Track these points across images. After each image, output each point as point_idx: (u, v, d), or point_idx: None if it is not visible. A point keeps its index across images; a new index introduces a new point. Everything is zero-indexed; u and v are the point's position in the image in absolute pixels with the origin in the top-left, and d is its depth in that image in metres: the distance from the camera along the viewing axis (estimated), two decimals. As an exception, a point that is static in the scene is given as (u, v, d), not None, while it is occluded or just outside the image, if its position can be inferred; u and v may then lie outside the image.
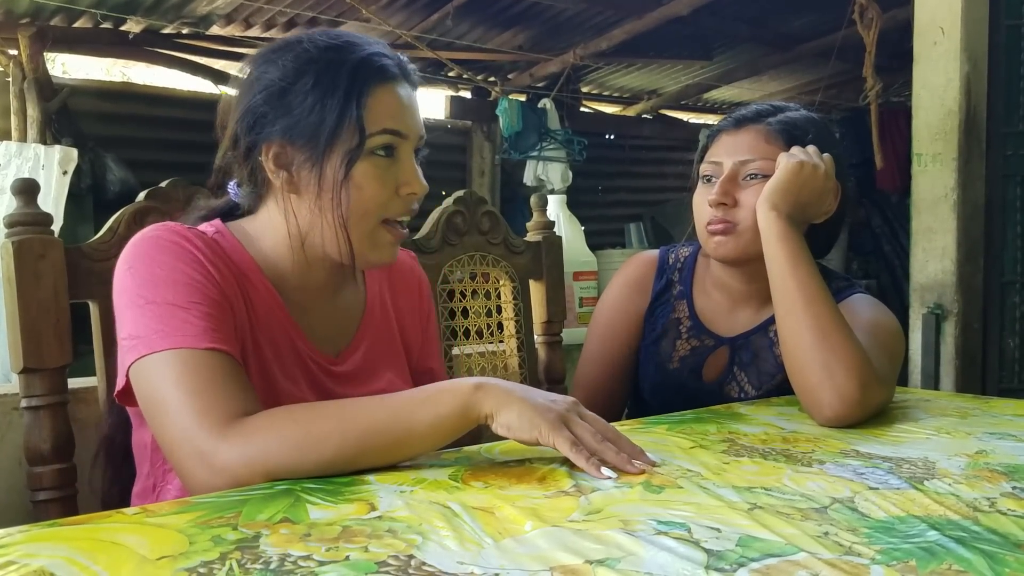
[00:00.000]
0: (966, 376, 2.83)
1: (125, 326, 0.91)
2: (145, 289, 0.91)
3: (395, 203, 1.00)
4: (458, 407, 0.85)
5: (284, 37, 1.04)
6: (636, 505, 0.74)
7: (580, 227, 2.16)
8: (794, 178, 1.21)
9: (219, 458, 0.82)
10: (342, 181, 0.96)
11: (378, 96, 0.97)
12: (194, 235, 0.97)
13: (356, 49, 0.98)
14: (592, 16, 4.29)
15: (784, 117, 1.30)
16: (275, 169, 0.99)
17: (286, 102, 0.97)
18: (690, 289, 1.43)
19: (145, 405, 0.89)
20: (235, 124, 0.99)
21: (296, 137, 0.97)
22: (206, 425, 0.84)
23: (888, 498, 0.76)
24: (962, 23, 2.75)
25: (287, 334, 1.02)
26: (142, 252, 0.94)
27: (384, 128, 0.97)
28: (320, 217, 0.98)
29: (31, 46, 3.52)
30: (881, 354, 1.16)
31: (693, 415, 1.14)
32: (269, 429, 0.83)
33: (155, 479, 1.01)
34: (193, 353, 0.88)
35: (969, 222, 2.80)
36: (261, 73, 0.99)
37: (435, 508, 0.73)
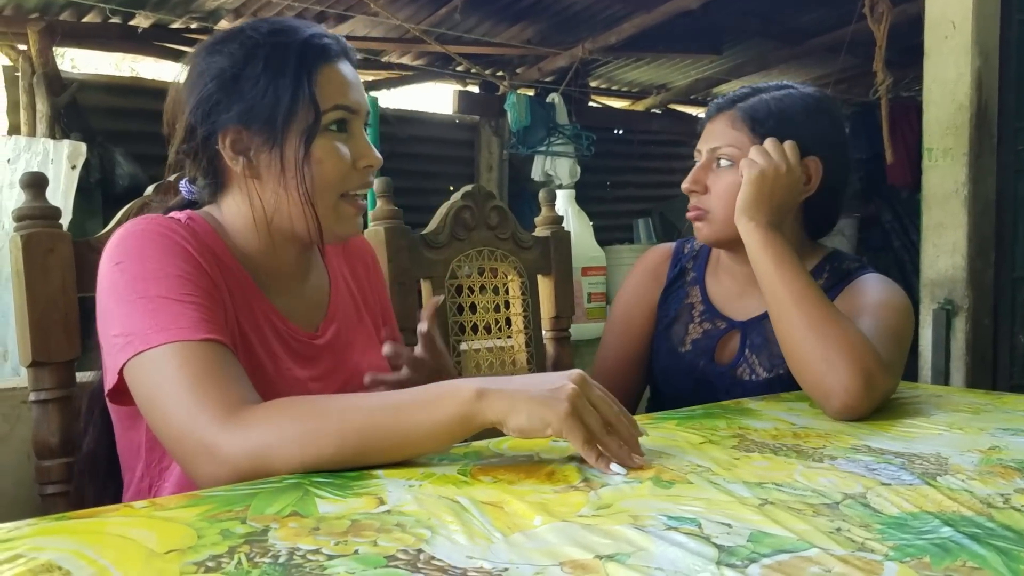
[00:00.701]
0: (976, 372, 2.82)
1: (116, 323, 0.91)
2: (137, 284, 0.91)
3: (353, 176, 1.02)
4: (458, 414, 0.83)
5: (223, 30, 1.06)
6: (646, 500, 0.73)
7: (589, 222, 2.15)
8: (759, 188, 1.23)
9: (222, 449, 0.82)
10: (303, 158, 0.98)
11: (325, 74, 1.00)
12: (180, 225, 0.98)
13: (298, 31, 1.01)
14: (601, 10, 4.27)
15: (753, 102, 1.31)
16: (233, 155, 1.00)
17: (238, 88, 0.98)
18: (703, 275, 1.45)
19: (143, 402, 0.89)
20: (189, 115, 1.00)
21: (252, 121, 0.98)
22: (206, 417, 0.83)
23: (901, 494, 0.76)
24: (973, 17, 2.73)
25: (266, 316, 1.04)
26: (130, 247, 0.94)
27: (336, 104, 1.00)
28: (285, 196, 1.00)
29: (40, 41, 3.53)
30: (887, 337, 1.16)
31: (703, 410, 1.14)
32: (269, 423, 0.83)
33: (151, 479, 1.01)
34: (189, 345, 0.87)
35: (980, 217, 2.78)
36: (208, 64, 1.00)
37: (444, 502, 0.72)
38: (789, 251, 1.20)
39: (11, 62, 3.67)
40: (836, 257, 1.37)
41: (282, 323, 1.05)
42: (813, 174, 1.28)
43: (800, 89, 1.33)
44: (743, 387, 1.32)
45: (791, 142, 1.26)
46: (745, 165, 1.24)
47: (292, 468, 0.81)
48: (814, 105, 1.32)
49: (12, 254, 1.15)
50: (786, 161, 1.24)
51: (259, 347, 1.01)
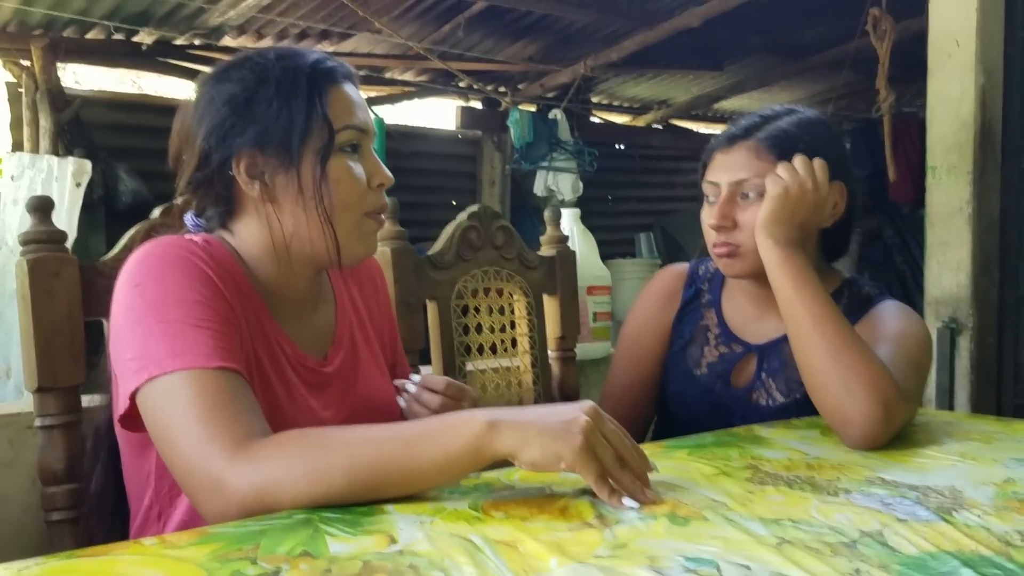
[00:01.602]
0: (981, 391, 2.80)
1: (130, 347, 0.90)
2: (156, 308, 0.90)
3: (370, 196, 1.03)
4: (469, 446, 0.82)
5: (230, 60, 1.06)
6: (662, 540, 0.72)
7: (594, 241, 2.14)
8: (783, 205, 1.21)
9: (228, 485, 0.81)
10: (320, 178, 0.98)
11: (335, 96, 1.01)
12: (198, 248, 0.97)
13: (305, 55, 1.02)
14: (603, 27, 4.28)
15: (774, 129, 1.29)
16: (248, 180, 1.00)
17: (251, 111, 0.98)
18: (719, 297, 1.44)
19: (154, 430, 0.88)
20: (202, 142, 0.99)
21: (266, 143, 0.98)
22: (215, 451, 0.82)
23: (918, 531, 0.75)
24: (977, 35, 2.73)
25: (279, 343, 1.03)
26: (150, 269, 0.93)
27: (347, 124, 1.00)
28: (305, 218, 1.00)
29: (44, 57, 3.53)
30: (906, 366, 1.15)
31: (713, 438, 1.13)
32: (277, 458, 0.82)
33: (160, 506, 1.00)
34: (203, 374, 0.86)
35: (984, 235, 2.77)
36: (218, 91, 1.00)
37: (457, 541, 0.72)
38: (809, 271, 1.19)
39: (14, 78, 3.68)
40: (854, 283, 1.36)
41: (292, 350, 1.05)
42: (839, 199, 1.27)
43: (807, 112, 1.33)
44: (759, 412, 1.31)
45: (820, 161, 1.24)
46: (769, 181, 1.22)
47: (301, 504, 0.80)
48: (830, 129, 1.31)
49: (18, 278, 1.14)
50: (813, 179, 1.22)
51: (273, 375, 1.00)
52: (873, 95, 3.56)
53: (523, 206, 5.00)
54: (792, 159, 1.24)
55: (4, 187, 3.26)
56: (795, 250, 1.20)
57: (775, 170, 1.23)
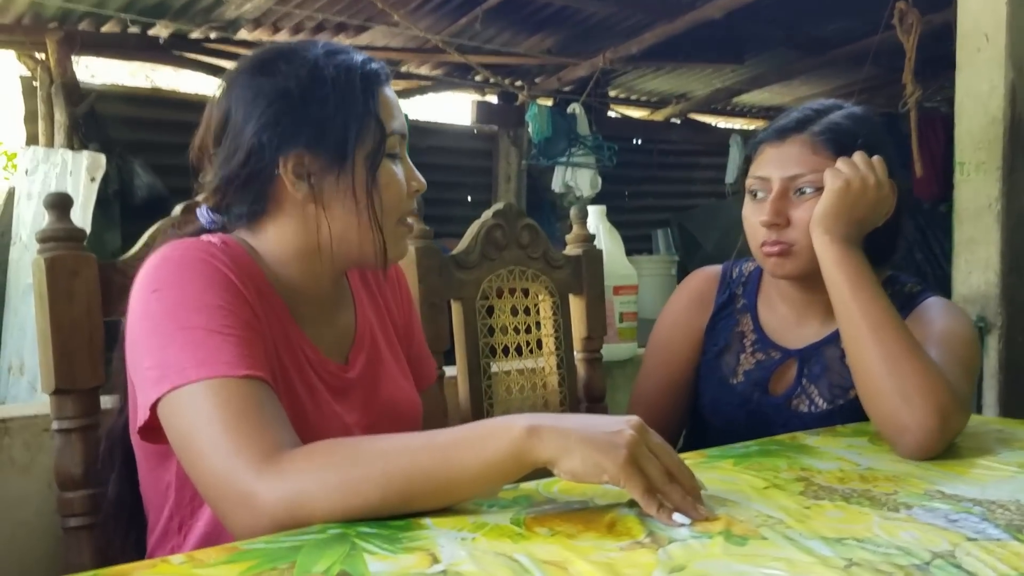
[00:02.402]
0: (1010, 391, 2.75)
1: (150, 356, 0.86)
2: (176, 314, 0.86)
3: (407, 201, 1.02)
4: (509, 453, 0.78)
5: (264, 49, 1.01)
6: (721, 561, 0.68)
7: (620, 239, 2.09)
8: (843, 199, 1.16)
9: (258, 499, 0.77)
10: (372, 183, 0.96)
11: (383, 97, 0.98)
12: (217, 250, 0.93)
13: (352, 53, 0.99)
14: (622, 20, 4.24)
15: (829, 123, 1.23)
16: (295, 180, 0.95)
17: (307, 110, 0.94)
18: (755, 302, 1.38)
19: (177, 441, 0.84)
20: (251, 138, 0.94)
21: (318, 145, 0.95)
22: (243, 462, 0.79)
23: (992, 552, 0.70)
24: (1007, 29, 2.67)
25: (300, 347, 0.99)
26: (168, 273, 0.89)
27: (393, 129, 0.98)
28: (356, 222, 0.97)
29: (59, 50, 3.51)
30: (957, 368, 1.10)
31: (758, 447, 1.08)
32: (309, 471, 0.78)
33: (181, 519, 0.96)
34: (228, 383, 0.82)
35: (1013, 233, 2.71)
36: (263, 84, 0.95)
37: (502, 561, 0.67)
38: (867, 270, 1.13)
39: (29, 72, 3.65)
40: (897, 279, 1.30)
41: (315, 355, 1.01)
42: (892, 196, 1.22)
43: (856, 108, 1.27)
44: (801, 419, 1.26)
45: (879, 158, 1.19)
46: (829, 175, 1.17)
47: (334, 518, 0.77)
48: (882, 126, 1.26)
49: (35, 277, 1.11)
50: (875, 175, 1.17)
51: (297, 381, 0.97)
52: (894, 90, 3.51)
53: (539, 202, 4.96)
54: (850, 156, 1.19)
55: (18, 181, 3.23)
56: (854, 248, 1.15)
57: (832, 166, 1.18)
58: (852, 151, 1.20)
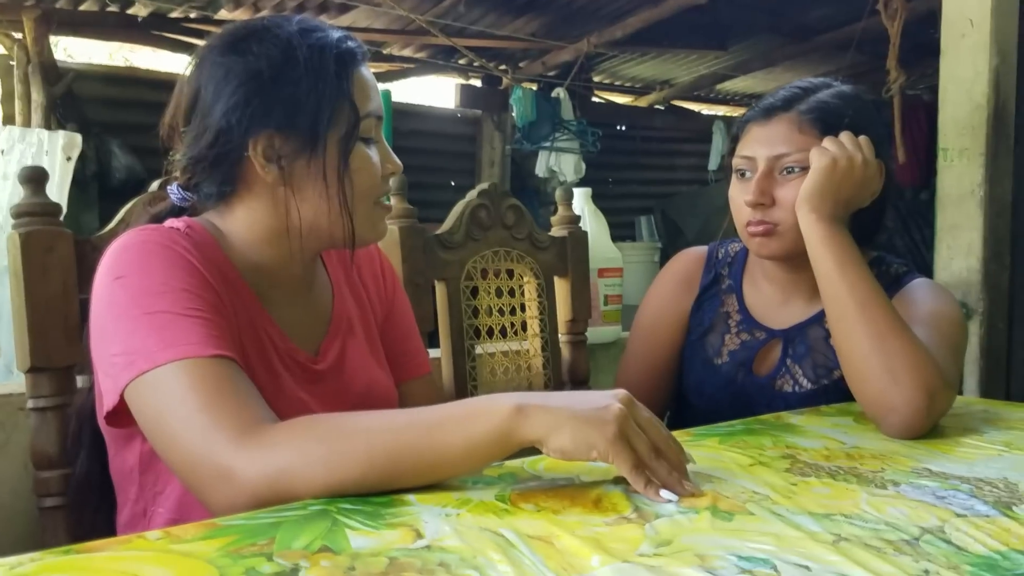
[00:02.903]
0: (990, 377, 2.77)
1: (116, 342, 0.84)
2: (140, 300, 0.84)
3: (383, 183, 0.99)
4: (495, 432, 0.76)
5: (240, 26, 0.98)
6: (709, 536, 0.67)
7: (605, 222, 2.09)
8: (829, 178, 1.15)
9: (239, 474, 0.76)
10: (344, 167, 0.93)
11: (359, 78, 0.95)
12: (179, 236, 0.91)
13: (328, 31, 0.95)
14: (607, 3, 4.21)
15: (816, 102, 1.22)
16: (265, 163, 0.93)
17: (277, 92, 0.91)
18: (740, 282, 1.37)
19: (149, 425, 0.82)
20: (220, 119, 0.92)
21: (290, 127, 0.92)
22: (221, 440, 0.77)
23: (981, 527, 0.70)
24: (992, 15, 2.68)
25: (267, 333, 0.97)
26: (131, 260, 0.87)
27: (368, 112, 0.95)
28: (326, 205, 0.94)
29: (36, 29, 3.45)
30: (944, 349, 1.10)
31: (743, 426, 1.08)
32: (290, 445, 0.77)
33: (145, 503, 0.94)
34: (198, 362, 0.80)
35: (996, 219, 2.73)
36: (235, 63, 0.92)
37: (487, 536, 0.66)
38: (853, 249, 1.13)
39: (6, 51, 3.59)
40: (883, 260, 1.30)
41: (283, 342, 0.98)
42: (879, 178, 1.22)
43: (845, 86, 1.26)
44: (785, 399, 1.25)
45: (866, 138, 1.18)
46: (815, 154, 1.16)
47: (316, 493, 0.75)
48: (871, 104, 1.25)
49: (10, 253, 1.08)
50: (861, 155, 1.16)
51: (259, 366, 0.94)
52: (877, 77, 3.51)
53: (524, 188, 4.93)
54: (838, 135, 1.18)
55: (-5, 162, 3.18)
56: (839, 227, 1.14)
57: (819, 145, 1.17)
58: (839, 130, 1.19)
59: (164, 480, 0.92)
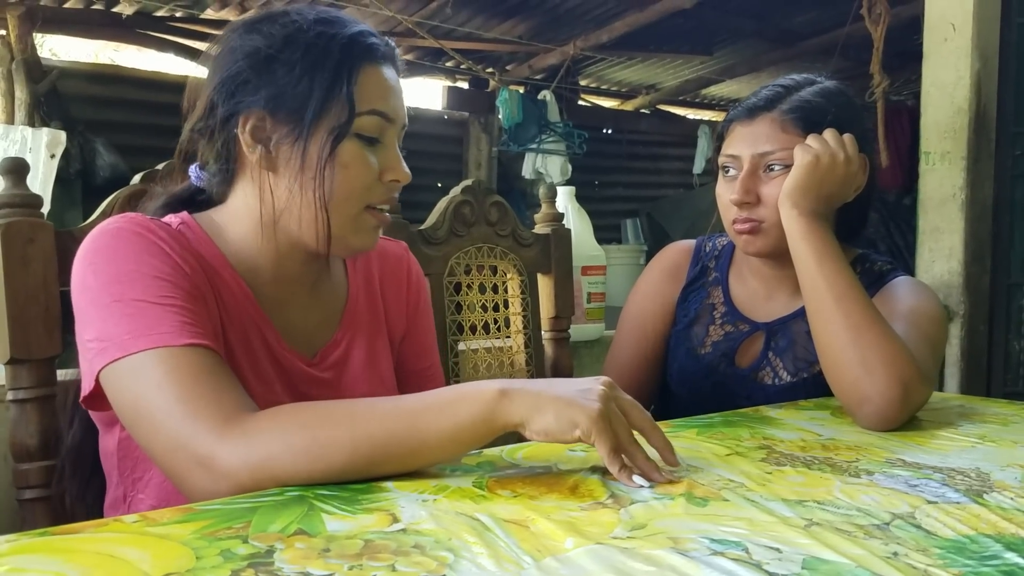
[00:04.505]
0: (971, 378, 2.79)
1: (90, 328, 0.84)
2: (111, 287, 0.84)
3: (377, 189, 0.94)
4: (480, 415, 0.77)
5: (266, 10, 0.97)
6: (682, 520, 0.68)
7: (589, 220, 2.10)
8: (811, 174, 1.16)
9: (220, 462, 0.75)
10: (327, 159, 0.90)
11: (368, 75, 0.92)
12: (157, 226, 0.90)
13: (347, 25, 0.93)
14: (594, 7, 4.23)
15: (798, 100, 1.23)
16: (252, 143, 0.92)
17: (271, 71, 0.90)
18: (726, 275, 1.39)
19: (125, 413, 0.82)
20: (212, 92, 0.92)
21: (279, 109, 0.90)
22: (202, 428, 0.76)
23: (951, 514, 0.71)
24: (974, 20, 2.70)
25: (259, 332, 0.95)
26: (103, 246, 0.87)
27: (373, 108, 0.92)
28: (299, 197, 0.91)
29: (20, 26, 3.44)
30: (922, 345, 1.11)
31: (721, 418, 1.08)
32: (273, 432, 0.76)
33: (124, 489, 0.94)
34: (172, 351, 0.80)
35: (977, 222, 2.75)
36: (242, 42, 0.93)
37: (463, 520, 0.67)
38: (833, 244, 1.14)
39: (-11, 48, 3.57)
40: (867, 258, 1.31)
41: (276, 342, 0.96)
42: (862, 173, 1.23)
43: (828, 82, 1.28)
44: (765, 391, 1.26)
45: (850, 135, 1.20)
46: (798, 151, 1.18)
47: (298, 481, 0.75)
48: (854, 100, 1.27)
49: (-10, 244, 1.08)
50: (844, 151, 1.18)
51: (247, 367, 0.93)
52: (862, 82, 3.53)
53: (510, 190, 4.94)
54: (821, 132, 1.19)
55: (-22, 159, 3.16)
56: (820, 222, 1.16)
57: (802, 143, 1.19)
58: (822, 128, 1.20)
59: (143, 467, 0.92)
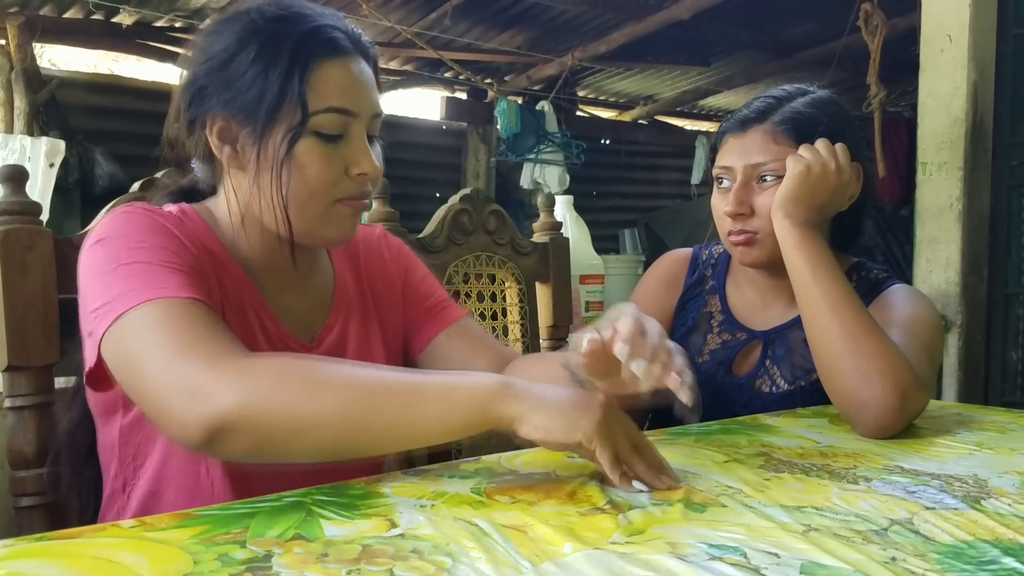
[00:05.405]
0: (968, 388, 2.79)
1: (96, 297, 0.84)
2: (120, 254, 0.85)
3: (345, 184, 0.93)
4: (475, 403, 0.76)
5: (235, 7, 0.96)
6: (680, 526, 0.68)
7: (587, 229, 2.10)
8: (803, 184, 1.17)
9: (210, 393, 0.74)
10: (283, 159, 0.90)
11: (325, 71, 0.90)
12: (163, 214, 0.92)
13: (304, 20, 0.91)
14: (592, 19, 4.24)
15: (789, 111, 1.24)
16: (219, 143, 0.93)
17: (227, 74, 0.91)
18: (723, 284, 1.39)
19: (122, 367, 0.81)
20: (179, 95, 0.94)
21: (238, 111, 0.91)
22: (194, 360, 0.75)
23: (949, 519, 0.71)
24: (970, 31, 2.71)
25: (259, 318, 0.97)
26: (113, 224, 0.88)
27: (330, 106, 0.90)
28: (259, 195, 0.92)
29: (20, 36, 3.44)
30: (919, 352, 1.11)
31: (719, 426, 1.09)
32: (268, 372, 0.76)
33: (124, 478, 0.94)
34: (171, 302, 0.80)
35: (974, 232, 2.76)
36: (206, 44, 0.93)
37: (461, 525, 0.67)
38: (826, 253, 1.15)
39: (-11, 57, 3.58)
40: (863, 266, 1.32)
41: (275, 326, 0.98)
42: (856, 181, 1.23)
43: (820, 92, 1.28)
44: (762, 399, 1.27)
45: (842, 145, 1.20)
46: (790, 161, 1.18)
47: (284, 431, 0.74)
48: (846, 109, 1.27)
49: (-11, 251, 1.08)
50: (836, 161, 1.18)
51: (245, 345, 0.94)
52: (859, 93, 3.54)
53: (508, 200, 4.94)
54: (812, 143, 1.20)
55: (-24, 168, 3.16)
56: (813, 232, 1.16)
57: (794, 153, 1.19)
58: (814, 138, 1.21)
59: (144, 452, 0.93)
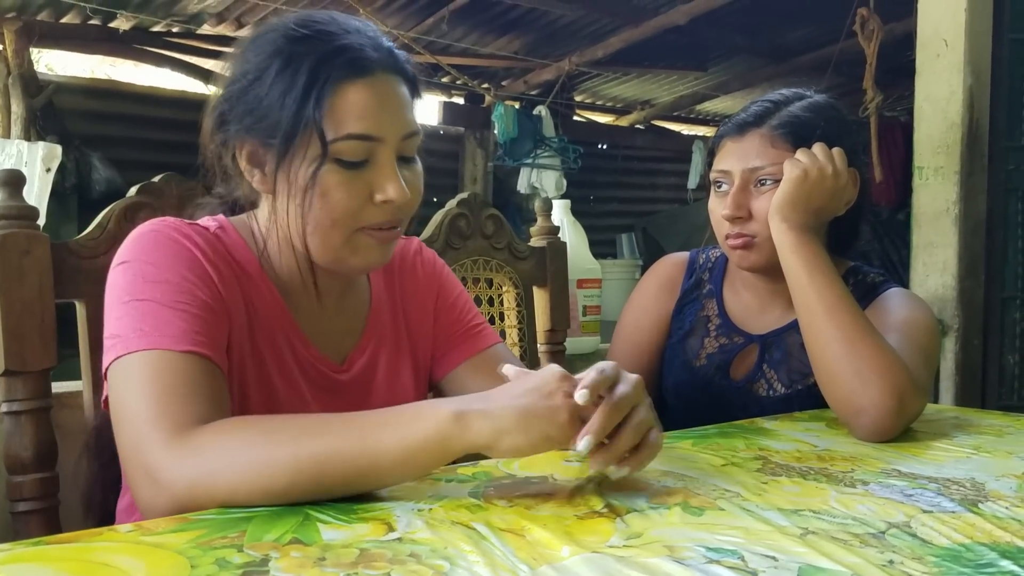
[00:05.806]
0: (965, 392, 2.79)
1: (108, 324, 0.85)
2: (133, 287, 0.85)
3: (370, 211, 0.89)
4: (433, 438, 0.73)
5: (261, 26, 0.94)
6: (678, 529, 0.68)
7: (584, 234, 2.10)
8: (799, 188, 1.17)
9: (162, 474, 0.74)
10: (304, 187, 0.87)
11: (345, 95, 0.86)
12: (195, 231, 0.90)
13: (326, 40, 0.87)
14: (589, 23, 4.25)
15: (787, 115, 1.24)
16: (249, 168, 0.91)
17: (248, 99, 0.88)
18: (720, 288, 1.39)
19: (112, 410, 0.82)
20: (209, 117, 0.92)
21: (260, 137, 0.89)
22: (155, 436, 0.76)
23: (946, 523, 0.71)
24: (966, 35, 2.72)
25: (289, 339, 0.95)
26: (137, 248, 0.88)
27: (349, 133, 0.86)
28: (299, 219, 0.89)
29: (17, 41, 3.44)
30: (916, 355, 1.12)
31: (717, 430, 1.09)
32: (216, 448, 0.75)
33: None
34: (166, 355, 0.80)
35: (970, 237, 2.76)
36: (235, 63, 0.92)
37: (459, 529, 0.67)
38: (823, 257, 1.15)
39: (-14, 62, 3.58)
40: (859, 270, 1.32)
41: (305, 349, 0.96)
42: (853, 186, 1.24)
43: (817, 96, 1.29)
44: (759, 403, 1.27)
45: (839, 149, 1.20)
46: (787, 165, 1.19)
47: (240, 500, 0.72)
48: (843, 113, 1.28)
49: (-14, 256, 1.08)
50: (832, 165, 1.18)
51: (275, 372, 0.93)
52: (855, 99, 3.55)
53: (506, 205, 4.95)
54: (810, 147, 1.20)
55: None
56: (810, 236, 1.16)
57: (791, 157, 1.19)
58: (811, 142, 1.21)
59: None
